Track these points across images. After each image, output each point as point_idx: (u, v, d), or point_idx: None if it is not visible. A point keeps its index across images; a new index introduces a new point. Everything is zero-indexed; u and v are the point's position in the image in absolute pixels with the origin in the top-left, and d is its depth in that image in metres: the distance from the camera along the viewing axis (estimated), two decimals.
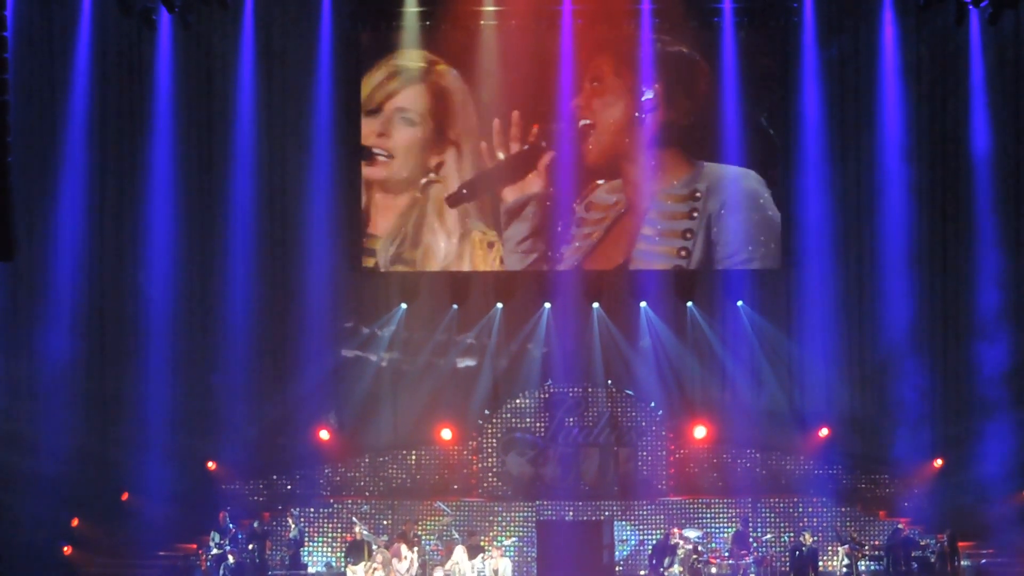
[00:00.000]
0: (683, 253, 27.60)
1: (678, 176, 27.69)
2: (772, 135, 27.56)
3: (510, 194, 27.70)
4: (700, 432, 27.15)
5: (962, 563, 25.21)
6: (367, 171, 27.68)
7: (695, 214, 27.54)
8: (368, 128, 27.70)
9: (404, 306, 27.95)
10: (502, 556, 24.60)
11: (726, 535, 26.09)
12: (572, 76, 27.40)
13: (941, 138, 27.50)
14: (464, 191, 27.65)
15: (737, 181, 27.52)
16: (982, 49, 26.95)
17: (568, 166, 27.51)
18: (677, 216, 27.61)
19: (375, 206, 27.77)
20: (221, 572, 24.66)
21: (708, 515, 26.48)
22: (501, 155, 27.60)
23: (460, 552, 24.44)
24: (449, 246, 27.67)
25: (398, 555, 24.22)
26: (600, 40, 27.51)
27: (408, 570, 24.02)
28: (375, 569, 23.40)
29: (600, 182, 27.61)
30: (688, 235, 27.52)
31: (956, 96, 27.28)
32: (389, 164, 27.66)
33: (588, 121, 27.54)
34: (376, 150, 27.65)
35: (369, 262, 27.81)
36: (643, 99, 27.47)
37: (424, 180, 27.62)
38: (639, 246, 27.61)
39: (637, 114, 27.52)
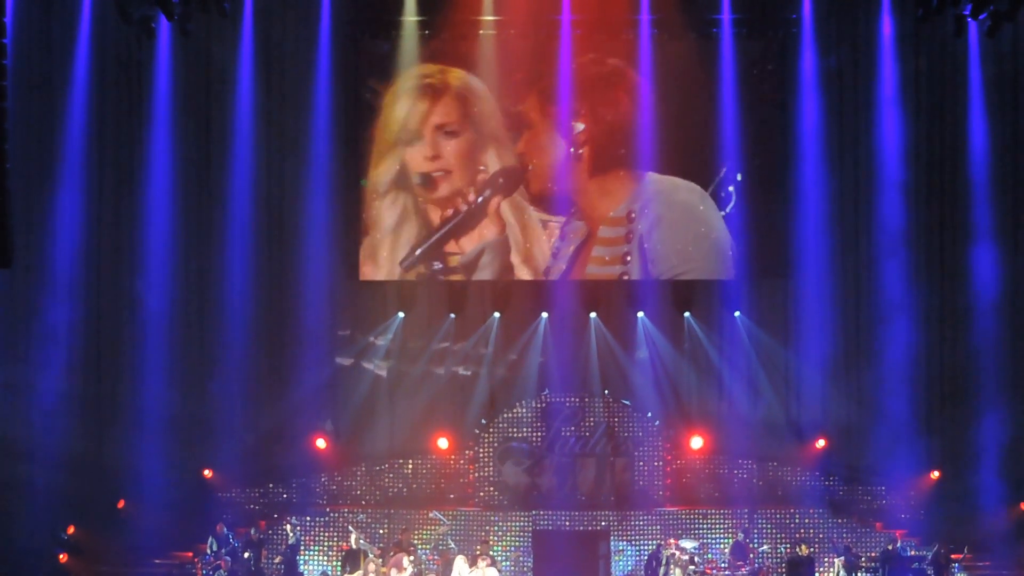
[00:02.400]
0: (624, 277, 27.60)
1: (624, 197, 27.64)
2: (769, 145, 27.57)
3: (467, 244, 27.70)
4: (697, 442, 27.14)
5: (958, 575, 25.22)
6: (430, 195, 27.64)
7: (630, 236, 27.53)
8: (415, 155, 27.62)
9: (401, 315, 27.94)
10: (489, 565, 24.56)
11: (722, 546, 26.08)
12: (570, 87, 27.44)
13: (939, 149, 27.53)
14: (417, 252, 27.60)
15: (673, 195, 27.49)
16: (980, 61, 27.00)
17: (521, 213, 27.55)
18: (617, 240, 27.61)
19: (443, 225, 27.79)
20: None
21: (704, 526, 26.46)
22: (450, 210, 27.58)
23: (461, 563, 24.40)
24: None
25: (399, 565, 24.19)
26: (530, 79, 27.43)
27: None
28: None
29: (572, 210, 27.59)
30: (627, 258, 27.54)
31: (954, 108, 27.33)
32: (450, 179, 27.62)
33: (531, 167, 27.58)
34: (435, 173, 27.63)
35: (459, 276, 27.81)
36: (576, 133, 27.49)
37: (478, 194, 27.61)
38: (588, 273, 27.66)
39: (573, 149, 27.52)
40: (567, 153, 27.54)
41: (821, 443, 27.16)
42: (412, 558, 24.65)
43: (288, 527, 25.72)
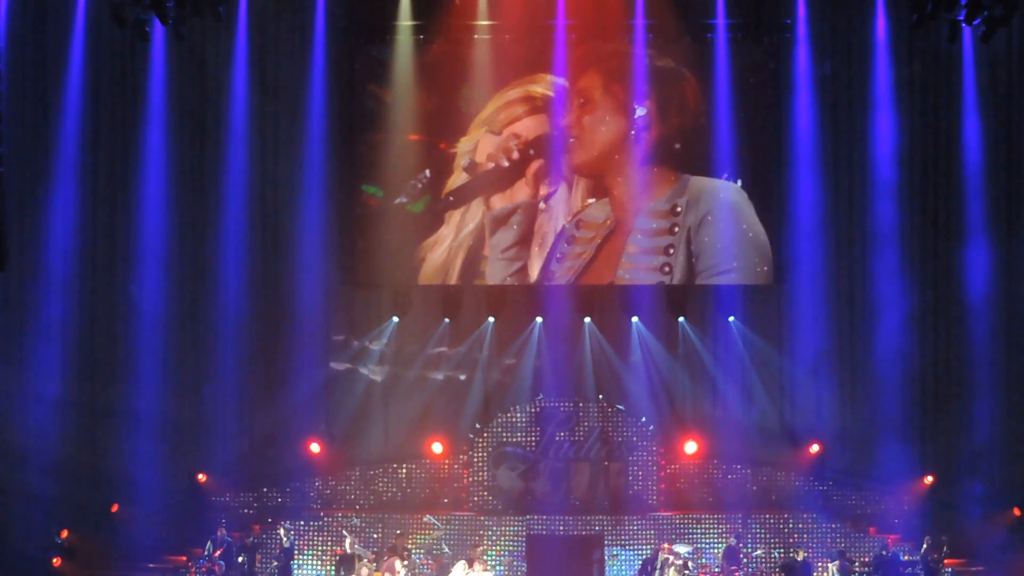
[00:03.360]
0: (666, 269, 27.58)
1: (664, 192, 27.67)
2: (764, 150, 27.59)
3: (498, 202, 27.68)
4: (691, 447, 27.14)
5: None
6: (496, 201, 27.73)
7: (676, 229, 27.53)
8: (485, 146, 27.58)
9: (396, 319, 27.93)
10: (485, 569, 24.57)
11: (716, 550, 26.09)
12: (564, 91, 27.44)
13: (933, 154, 27.55)
14: (451, 198, 27.63)
15: (719, 194, 27.50)
16: (974, 66, 27.02)
17: (558, 180, 27.52)
18: (660, 232, 27.58)
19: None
20: None
21: (698, 530, 26.47)
22: (491, 164, 27.56)
23: (461, 568, 24.38)
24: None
25: (391, 569, 24.18)
26: (591, 56, 27.53)
27: None
28: None
29: (591, 201, 27.59)
30: (670, 250, 27.49)
31: (948, 112, 27.34)
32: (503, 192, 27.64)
33: (573, 138, 27.52)
34: (485, 166, 27.59)
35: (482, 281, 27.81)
36: (636, 116, 27.47)
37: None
38: (624, 264, 27.57)
39: (631, 132, 27.50)
40: (624, 134, 27.39)
41: (815, 448, 27.17)
42: (406, 563, 24.64)
43: (282, 531, 25.71)
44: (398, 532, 25.79)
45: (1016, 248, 27.00)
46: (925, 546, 25.16)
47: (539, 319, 27.75)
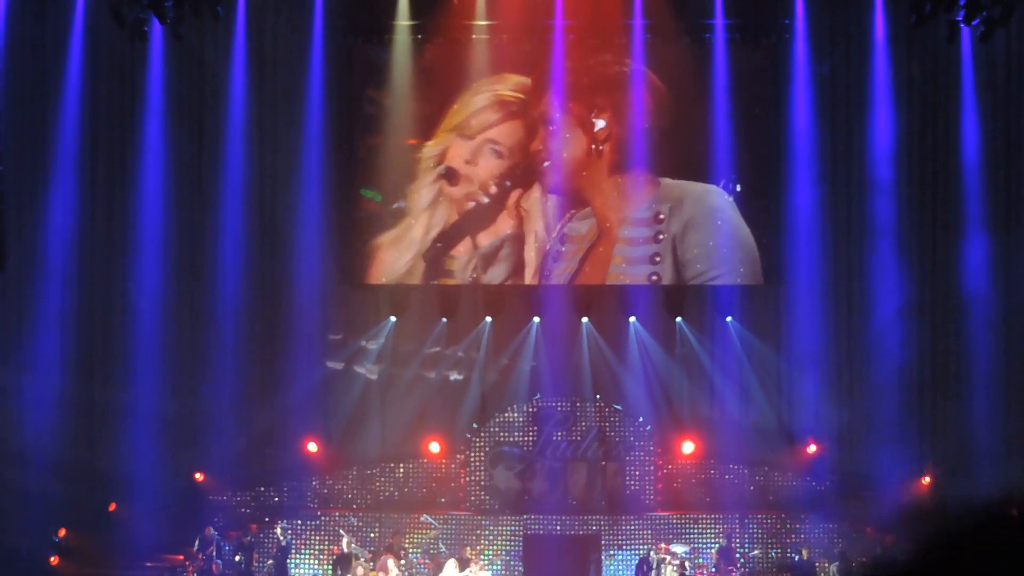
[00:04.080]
0: (654, 278, 27.56)
1: (644, 198, 27.61)
2: (762, 150, 27.58)
3: (484, 238, 27.65)
4: (688, 447, 27.14)
5: None
6: (445, 189, 27.63)
7: (660, 236, 27.48)
8: (459, 150, 27.62)
9: (393, 319, 27.93)
10: (482, 569, 24.58)
11: (713, 551, 26.08)
12: (563, 89, 27.43)
13: (932, 154, 27.52)
14: (439, 244, 27.59)
15: (701, 198, 27.45)
16: (973, 67, 26.99)
17: (540, 198, 27.52)
18: (645, 241, 27.55)
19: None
20: None
21: (695, 530, 26.46)
22: (471, 203, 27.50)
23: (451, 567, 24.41)
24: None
25: (385, 569, 24.18)
26: (543, 72, 27.48)
27: None
28: None
29: (571, 212, 27.56)
30: (656, 259, 27.47)
31: (947, 113, 27.31)
32: (468, 186, 27.55)
33: (547, 163, 27.50)
34: (461, 172, 27.58)
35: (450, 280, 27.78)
36: (595, 128, 27.44)
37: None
38: (611, 275, 27.54)
39: (592, 145, 27.46)
40: (587, 150, 27.41)
41: (812, 448, 27.15)
42: (404, 562, 24.65)
43: (279, 530, 25.72)
44: (394, 531, 25.80)
45: (1014, 248, 26.97)
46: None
47: (536, 319, 27.75)
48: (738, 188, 27.52)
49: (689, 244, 27.37)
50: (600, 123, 27.40)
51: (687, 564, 25.12)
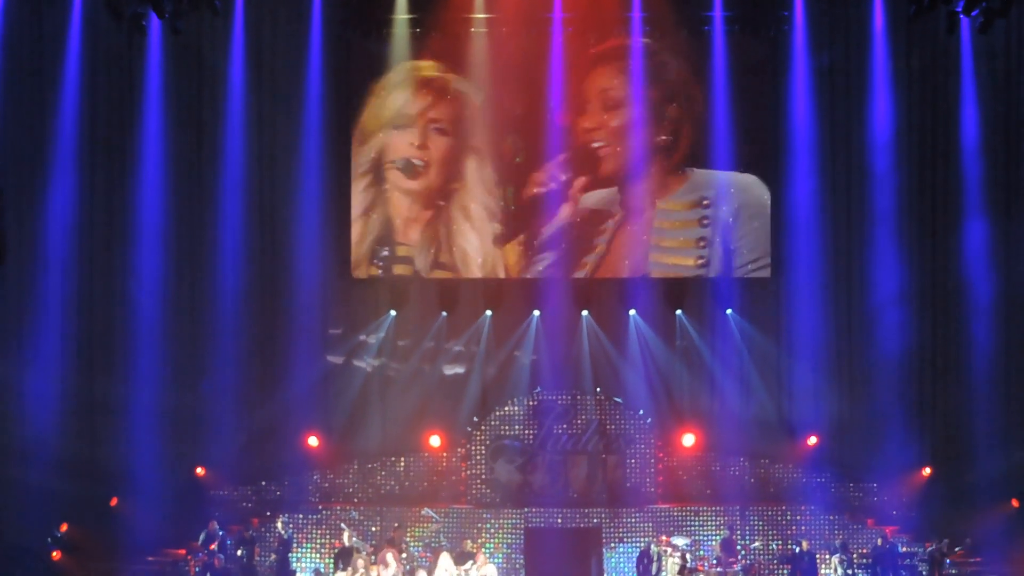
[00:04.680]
0: (700, 261, 27.57)
1: (675, 185, 27.63)
2: (761, 142, 27.58)
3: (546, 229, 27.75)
4: (688, 440, 27.16)
5: (951, 572, 25.22)
6: (405, 183, 27.60)
7: (705, 222, 27.49)
8: (402, 141, 27.63)
9: (393, 313, 27.94)
10: (487, 562, 24.61)
11: (714, 543, 26.10)
12: (562, 86, 27.41)
13: (931, 145, 27.53)
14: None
15: (746, 189, 27.50)
16: (972, 58, 26.98)
17: (566, 178, 27.54)
18: (687, 225, 27.54)
19: (402, 216, 27.70)
20: None
21: (696, 523, 26.47)
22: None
23: (446, 559, 24.44)
24: (485, 249, 27.63)
25: (384, 562, 24.21)
26: (591, 54, 27.51)
27: None
28: (360, 574, 23.35)
29: (599, 192, 27.56)
30: (702, 243, 27.49)
31: (946, 104, 27.31)
32: (426, 174, 27.61)
33: (601, 143, 27.50)
34: (415, 161, 27.61)
35: (405, 270, 27.74)
36: (633, 112, 27.47)
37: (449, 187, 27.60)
38: (654, 256, 27.53)
39: (630, 126, 27.49)
40: (640, 140, 27.42)
41: (813, 440, 27.18)
42: (405, 555, 24.67)
43: (280, 524, 25.74)
44: (396, 525, 25.82)
45: (1014, 240, 26.98)
46: (932, 548, 25.11)
47: (536, 312, 27.76)
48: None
49: (741, 232, 27.37)
50: (639, 110, 27.43)
51: (688, 556, 25.13)
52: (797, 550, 25.36)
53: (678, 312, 27.85)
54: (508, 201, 27.75)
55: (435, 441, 27.12)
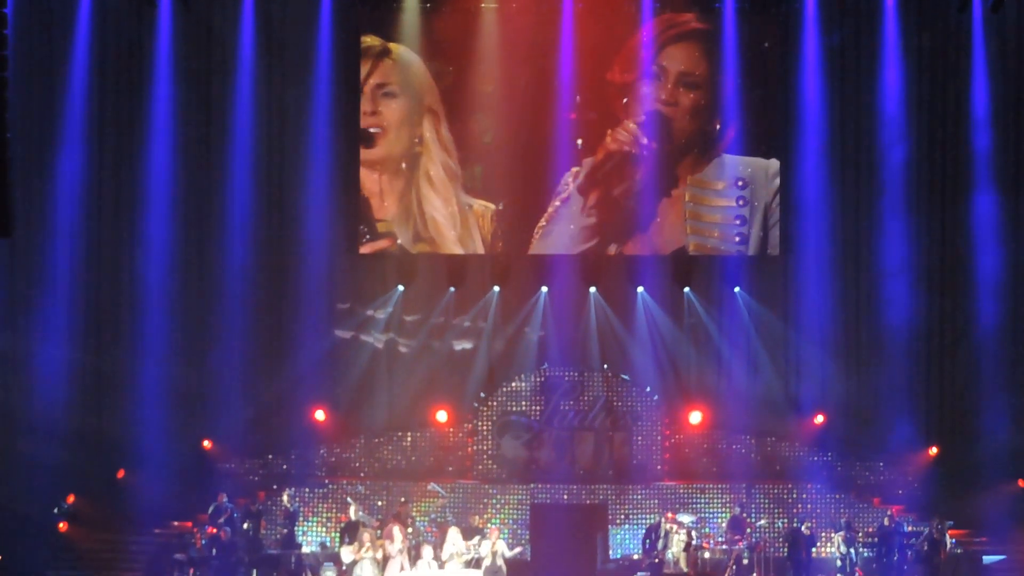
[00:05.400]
0: (737, 239, 27.52)
1: (701, 165, 27.53)
2: (771, 121, 27.51)
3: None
4: (695, 417, 27.16)
5: (956, 551, 25.20)
6: (366, 154, 27.61)
7: (742, 202, 27.40)
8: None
9: (401, 288, 27.93)
10: (499, 538, 24.61)
11: (720, 520, 26.12)
12: (572, 61, 27.35)
13: (942, 125, 27.46)
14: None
15: (776, 172, 27.42)
16: (984, 36, 26.89)
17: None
18: (724, 204, 27.48)
19: (374, 190, 27.70)
20: (215, 550, 24.69)
21: (702, 500, 26.49)
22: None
23: (454, 534, 24.45)
24: (449, 219, 27.59)
25: (391, 537, 24.24)
26: (608, 34, 27.46)
27: (400, 551, 24.01)
28: (366, 548, 23.41)
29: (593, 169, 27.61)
30: (737, 221, 27.41)
31: (957, 83, 27.23)
32: (385, 140, 27.58)
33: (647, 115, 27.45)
34: (372, 130, 27.59)
35: (388, 244, 27.68)
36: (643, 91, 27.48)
37: (411, 151, 27.53)
38: (693, 229, 27.48)
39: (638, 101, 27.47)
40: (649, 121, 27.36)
41: (819, 418, 27.16)
42: (411, 530, 24.70)
43: (286, 498, 25.78)
44: (402, 500, 25.86)
45: (1023, 217, 26.95)
46: (929, 530, 25.07)
47: (544, 288, 27.74)
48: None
49: (776, 214, 27.33)
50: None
51: (694, 533, 25.12)
52: (802, 528, 25.26)
53: (686, 290, 27.82)
54: (476, 181, 27.63)
55: (442, 416, 27.14)
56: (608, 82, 27.47)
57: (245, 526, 25.27)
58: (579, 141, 27.47)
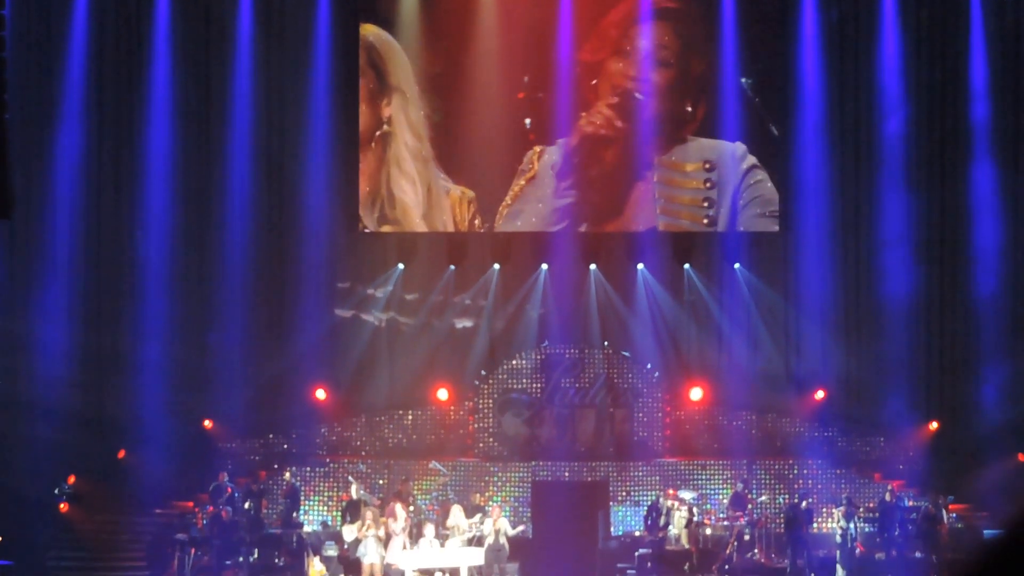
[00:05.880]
0: (705, 221, 27.47)
1: (671, 145, 27.48)
2: (771, 98, 27.46)
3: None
4: (696, 394, 27.15)
5: (957, 525, 25.23)
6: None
7: (709, 184, 27.33)
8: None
9: (401, 266, 27.89)
10: (501, 516, 24.62)
11: (721, 496, 26.13)
12: (571, 37, 27.27)
13: (940, 97, 27.40)
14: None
15: (740, 156, 27.38)
16: (982, 10, 26.84)
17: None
18: (693, 185, 27.44)
19: None
20: (216, 530, 24.69)
21: (703, 477, 26.51)
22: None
23: (457, 511, 24.45)
24: (418, 200, 27.51)
25: (393, 514, 24.24)
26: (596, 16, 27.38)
27: (403, 529, 24.03)
28: (368, 527, 23.43)
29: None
30: (706, 203, 27.37)
31: (955, 58, 27.18)
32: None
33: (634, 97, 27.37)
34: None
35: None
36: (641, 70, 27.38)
37: (379, 132, 27.43)
38: (663, 209, 27.43)
39: (637, 95, 27.39)
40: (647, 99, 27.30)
41: (820, 394, 27.16)
42: (412, 508, 24.70)
43: (287, 477, 25.77)
44: (403, 478, 25.85)
45: (1022, 194, 26.91)
46: (926, 506, 25.07)
47: (544, 266, 27.70)
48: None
49: (749, 192, 27.25)
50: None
51: (695, 510, 25.13)
52: (803, 504, 25.27)
53: (686, 266, 27.79)
54: (444, 162, 27.54)
55: (443, 394, 27.12)
56: (579, 61, 27.38)
57: (246, 505, 25.25)
58: (530, 121, 27.29)
